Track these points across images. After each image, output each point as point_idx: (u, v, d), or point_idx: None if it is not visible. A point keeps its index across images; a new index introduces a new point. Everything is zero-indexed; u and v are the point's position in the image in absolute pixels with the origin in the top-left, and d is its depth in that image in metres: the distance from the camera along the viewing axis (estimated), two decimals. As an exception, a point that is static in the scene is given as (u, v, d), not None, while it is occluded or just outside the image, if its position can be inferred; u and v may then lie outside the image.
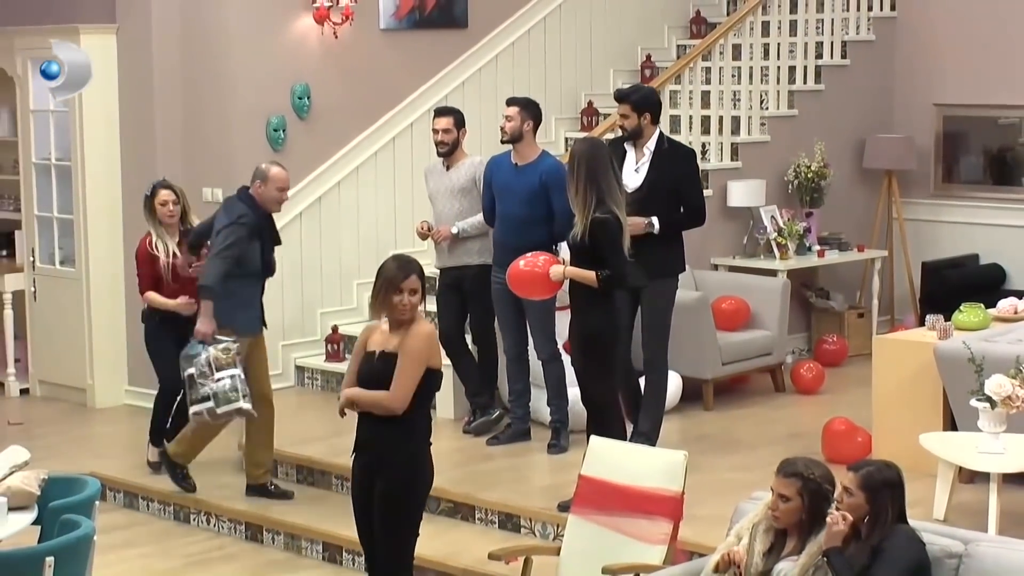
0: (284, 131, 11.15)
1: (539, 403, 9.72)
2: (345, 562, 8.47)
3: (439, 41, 11.95)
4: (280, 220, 11.08)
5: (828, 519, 5.63)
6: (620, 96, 9.21)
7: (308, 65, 11.26)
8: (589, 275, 8.03)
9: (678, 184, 9.02)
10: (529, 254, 8.32)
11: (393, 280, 6.51)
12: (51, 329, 11.74)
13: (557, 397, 9.45)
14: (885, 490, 5.62)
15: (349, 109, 11.45)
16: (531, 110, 9.45)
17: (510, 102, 9.51)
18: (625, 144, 9.08)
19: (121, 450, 10.49)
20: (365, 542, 6.86)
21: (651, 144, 9.06)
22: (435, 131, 9.80)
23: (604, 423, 7.99)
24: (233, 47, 11.00)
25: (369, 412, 6.60)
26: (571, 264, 8.14)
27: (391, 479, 6.62)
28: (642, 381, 9.21)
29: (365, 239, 11.47)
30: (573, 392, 9.57)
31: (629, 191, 8.88)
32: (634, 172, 9.06)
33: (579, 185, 8.04)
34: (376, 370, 6.58)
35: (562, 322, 8.89)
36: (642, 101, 9.10)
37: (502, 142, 9.51)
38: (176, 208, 9.52)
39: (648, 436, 8.99)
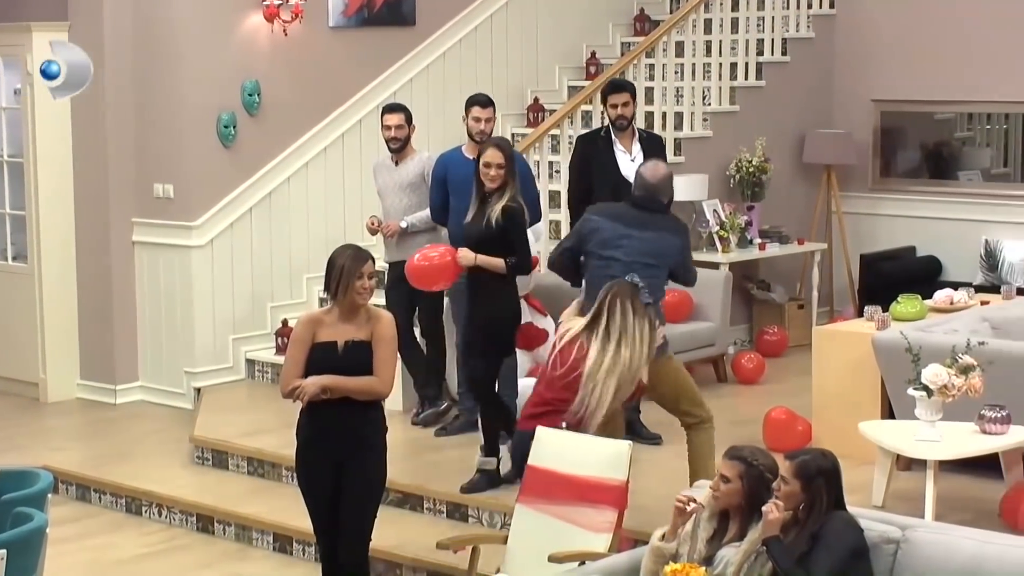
0: (234, 127, 11.10)
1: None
2: (295, 552, 8.44)
3: (387, 38, 11.92)
4: (230, 215, 11.14)
5: (763, 508, 5.64)
6: (620, 85, 9.24)
7: (258, 62, 11.21)
8: (498, 262, 8.33)
9: None
10: (426, 247, 8.41)
11: (354, 266, 6.64)
12: (3, 324, 11.64)
13: (507, 388, 9.42)
14: (819, 478, 5.64)
15: (299, 106, 11.41)
16: (495, 107, 9.53)
17: (484, 103, 9.39)
18: (614, 135, 9.12)
19: (73, 443, 10.43)
20: (326, 530, 6.88)
21: (635, 134, 9.19)
22: (387, 127, 9.77)
23: (497, 405, 8.51)
24: (184, 44, 10.93)
25: (341, 399, 6.63)
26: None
27: (371, 462, 6.77)
28: None
29: (315, 234, 11.43)
30: (523, 383, 9.59)
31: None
32: (631, 162, 9.16)
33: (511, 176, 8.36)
34: (345, 360, 6.65)
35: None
36: (634, 90, 9.18)
37: (481, 143, 9.38)
38: None
39: (638, 408, 9.32)
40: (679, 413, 8.07)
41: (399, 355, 9.79)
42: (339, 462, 6.74)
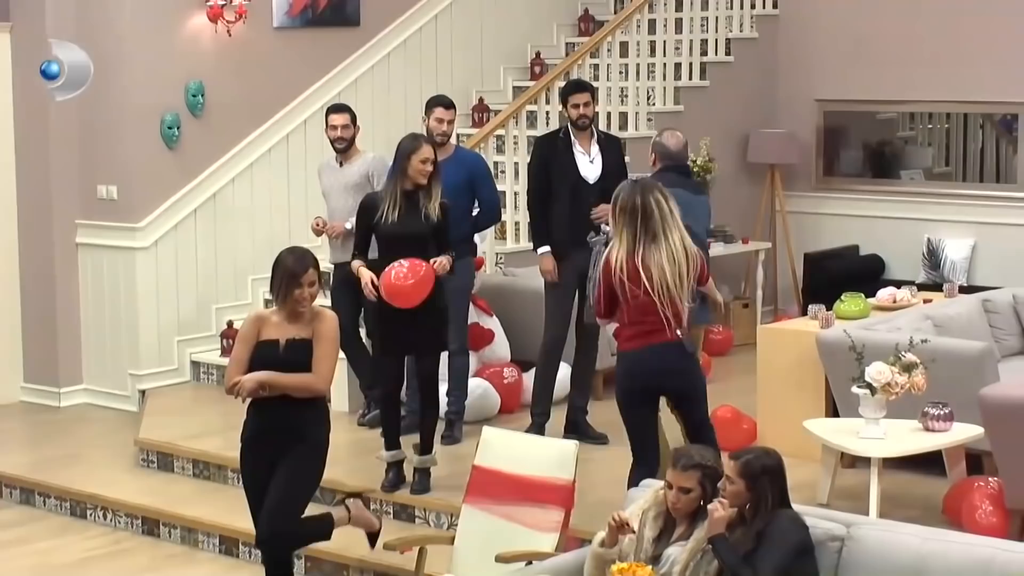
0: (178, 129, 11.04)
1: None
2: (242, 555, 8.41)
3: (332, 39, 11.89)
4: (175, 217, 11.08)
5: (708, 507, 5.66)
6: (582, 85, 9.35)
7: (202, 63, 11.15)
8: (448, 260, 8.36)
9: (619, 170, 9.22)
10: (394, 266, 8.16)
11: (294, 274, 6.66)
12: (-54, 327, 11.55)
13: (457, 389, 9.43)
14: (764, 476, 5.66)
15: (243, 106, 11.36)
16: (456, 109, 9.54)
17: (448, 105, 9.43)
18: (572, 136, 9.15)
19: (17, 447, 10.36)
20: None
21: (593, 135, 9.28)
22: (333, 127, 9.73)
23: (438, 405, 8.66)
24: (127, 45, 10.86)
25: (281, 397, 6.66)
26: (396, 250, 8.23)
27: (306, 451, 6.77)
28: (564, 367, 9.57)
29: (259, 235, 11.39)
30: (472, 383, 9.58)
31: (591, 182, 9.13)
32: (590, 163, 9.21)
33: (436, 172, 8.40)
34: (285, 358, 6.68)
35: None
36: (595, 90, 9.34)
37: (442, 144, 9.36)
38: None
39: (586, 408, 9.49)
40: None
41: (345, 356, 9.84)
42: (277, 459, 6.76)
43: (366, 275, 8.29)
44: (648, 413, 7.44)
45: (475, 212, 9.43)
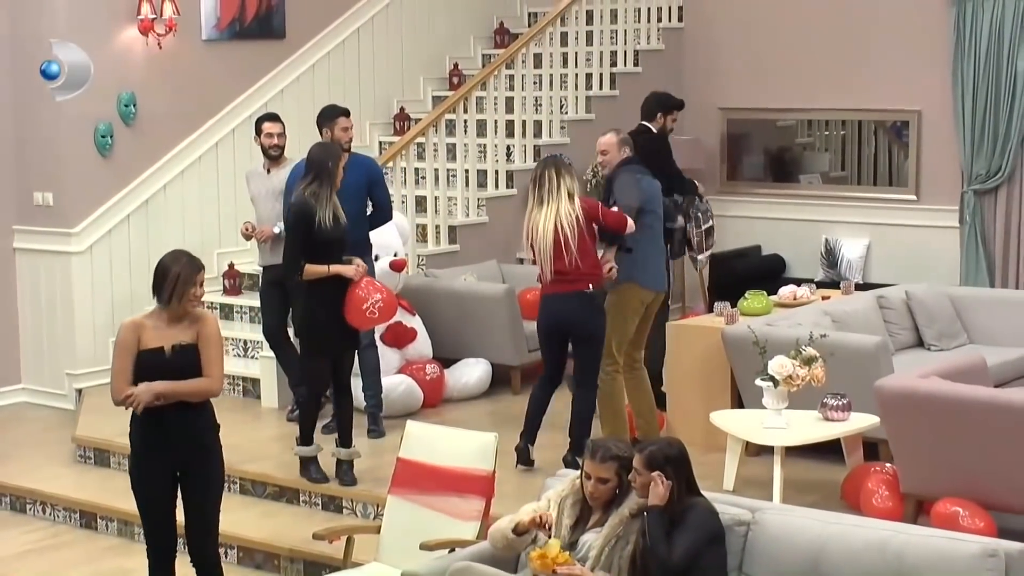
0: (111, 137, 10.97)
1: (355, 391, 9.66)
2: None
3: (259, 51, 11.85)
4: (109, 222, 11.00)
5: (651, 484, 5.68)
6: None
7: (134, 74, 11.08)
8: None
9: None
10: (358, 291, 8.28)
11: (190, 275, 6.47)
12: None
13: (374, 384, 9.43)
14: (668, 466, 5.71)
15: (173, 116, 11.30)
16: None
17: (348, 113, 9.42)
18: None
19: (-43, 444, 10.27)
20: (164, 537, 6.66)
21: None
22: (269, 135, 9.71)
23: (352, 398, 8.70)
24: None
25: (175, 405, 6.39)
26: (330, 253, 8.33)
27: (212, 465, 6.59)
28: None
29: (190, 240, 11.30)
30: (396, 380, 9.59)
31: None
32: None
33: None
34: (174, 364, 6.40)
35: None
36: None
37: (348, 151, 9.34)
38: None
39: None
40: (636, 349, 8.79)
41: (274, 356, 9.83)
42: (178, 468, 6.52)
43: (349, 268, 8.32)
44: (556, 347, 8.44)
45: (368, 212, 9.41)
